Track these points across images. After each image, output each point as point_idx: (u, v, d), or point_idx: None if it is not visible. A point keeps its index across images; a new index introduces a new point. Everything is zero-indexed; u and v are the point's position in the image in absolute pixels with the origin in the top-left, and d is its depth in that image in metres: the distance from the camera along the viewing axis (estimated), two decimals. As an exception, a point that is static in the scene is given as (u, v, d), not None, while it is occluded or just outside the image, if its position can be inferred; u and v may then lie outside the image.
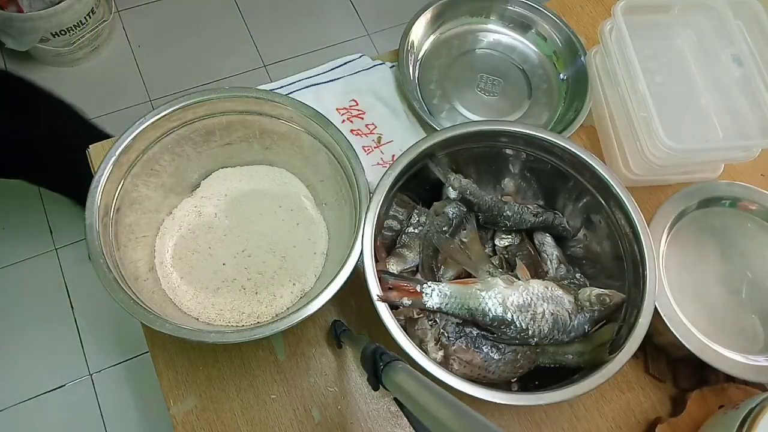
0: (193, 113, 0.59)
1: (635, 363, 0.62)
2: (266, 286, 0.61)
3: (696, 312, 0.58)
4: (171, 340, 0.50)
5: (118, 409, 1.32)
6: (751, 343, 0.58)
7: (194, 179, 0.66)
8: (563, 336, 0.53)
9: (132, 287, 0.53)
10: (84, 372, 1.35)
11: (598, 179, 0.58)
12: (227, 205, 0.65)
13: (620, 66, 0.65)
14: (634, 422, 0.60)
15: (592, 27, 0.80)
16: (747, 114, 0.63)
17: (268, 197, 0.66)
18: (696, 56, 0.69)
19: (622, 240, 0.58)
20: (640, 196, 0.57)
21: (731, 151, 0.64)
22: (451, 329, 0.54)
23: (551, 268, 0.59)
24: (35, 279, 1.40)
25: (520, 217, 0.60)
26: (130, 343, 1.36)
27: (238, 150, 0.66)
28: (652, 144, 0.61)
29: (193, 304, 0.59)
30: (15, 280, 1.40)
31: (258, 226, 0.64)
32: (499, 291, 0.53)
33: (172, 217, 0.64)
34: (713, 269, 0.61)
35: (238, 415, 0.58)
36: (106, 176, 0.54)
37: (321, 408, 0.59)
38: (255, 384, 0.60)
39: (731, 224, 0.63)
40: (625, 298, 0.55)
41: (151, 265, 0.60)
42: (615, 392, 0.61)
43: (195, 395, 0.59)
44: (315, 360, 0.61)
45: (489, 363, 0.53)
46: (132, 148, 0.56)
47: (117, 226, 0.56)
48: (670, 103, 0.65)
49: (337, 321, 0.60)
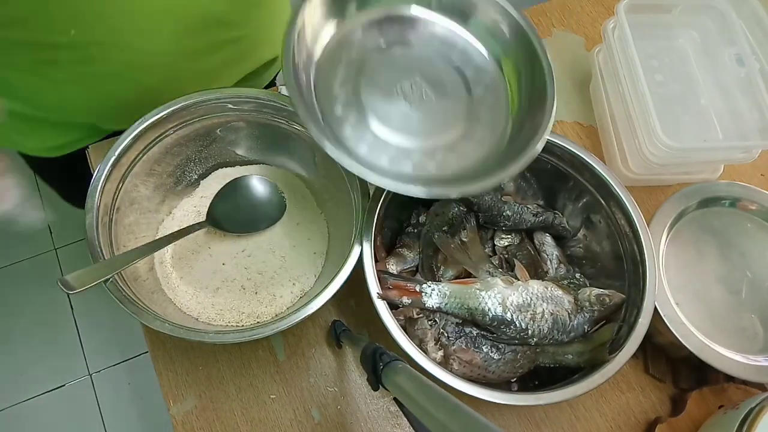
0: (192, 113, 0.59)
1: (635, 363, 0.62)
2: (266, 286, 0.61)
3: (696, 312, 0.58)
4: (171, 340, 0.50)
5: (117, 409, 1.32)
6: (751, 343, 0.58)
7: (194, 179, 0.66)
8: (563, 336, 0.53)
9: (132, 287, 0.53)
10: (84, 372, 1.35)
11: (597, 179, 0.58)
12: (227, 204, 0.65)
13: (621, 64, 0.65)
14: (633, 422, 0.60)
15: (592, 26, 0.80)
16: (747, 114, 0.63)
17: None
18: (698, 56, 0.69)
19: (621, 240, 0.58)
20: (640, 196, 0.57)
21: (730, 152, 0.64)
22: (451, 329, 0.54)
23: (551, 267, 0.59)
24: (34, 279, 1.40)
25: (519, 216, 0.60)
26: (130, 343, 1.36)
27: (238, 149, 0.66)
28: (651, 143, 0.61)
29: (192, 304, 0.59)
30: (15, 280, 1.40)
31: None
32: (499, 291, 0.53)
33: (171, 217, 0.64)
34: (713, 269, 0.61)
35: (238, 415, 0.58)
36: (105, 176, 0.54)
37: (321, 408, 0.59)
38: (255, 384, 0.60)
39: (731, 224, 0.63)
40: (624, 298, 0.55)
41: (150, 265, 0.60)
42: (615, 392, 0.61)
43: (195, 395, 0.59)
44: (315, 360, 0.61)
45: (489, 363, 0.53)
46: (132, 148, 0.56)
47: (117, 226, 0.56)
48: (670, 103, 0.65)
49: (336, 321, 0.60)
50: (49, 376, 1.33)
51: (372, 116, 0.54)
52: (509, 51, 0.58)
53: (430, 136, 0.54)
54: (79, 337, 1.36)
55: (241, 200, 0.63)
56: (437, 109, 0.55)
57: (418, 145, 0.54)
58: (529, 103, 0.56)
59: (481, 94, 0.57)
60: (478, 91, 0.57)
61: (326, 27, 0.55)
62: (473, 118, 0.56)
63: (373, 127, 0.53)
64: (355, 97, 0.54)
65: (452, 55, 0.58)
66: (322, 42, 0.55)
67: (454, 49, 0.58)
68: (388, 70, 0.55)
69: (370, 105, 0.54)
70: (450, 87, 0.56)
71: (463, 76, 0.57)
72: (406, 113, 0.54)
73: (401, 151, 0.53)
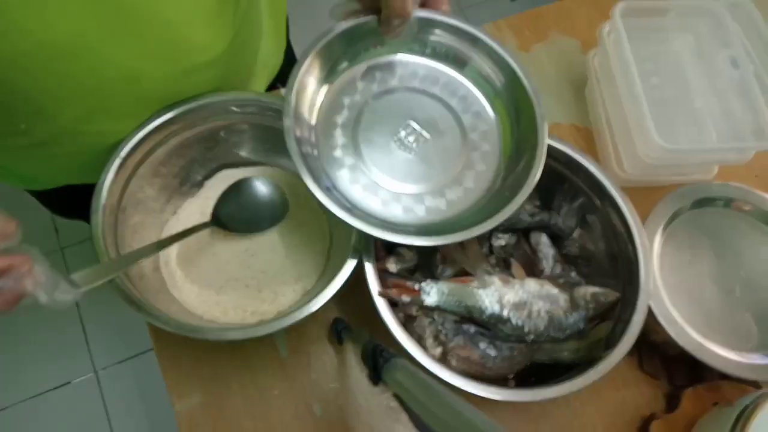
0: (196, 116, 0.60)
1: (630, 360, 0.62)
2: (269, 284, 0.61)
3: (690, 310, 0.58)
4: (175, 337, 0.51)
5: (123, 405, 1.33)
6: (745, 341, 0.58)
7: (198, 180, 0.67)
8: (559, 333, 0.54)
9: (137, 286, 0.54)
10: (89, 369, 1.36)
11: (593, 180, 0.59)
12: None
13: (617, 67, 0.66)
14: (629, 418, 0.61)
15: (588, 30, 0.81)
16: (741, 116, 0.64)
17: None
18: (692, 59, 0.69)
19: (617, 239, 0.59)
20: (635, 197, 0.58)
21: (724, 153, 0.64)
22: (449, 326, 0.55)
23: (547, 267, 0.60)
24: (41, 278, 1.41)
25: (516, 217, 0.61)
26: (135, 341, 1.37)
27: (241, 151, 0.67)
28: (645, 143, 0.62)
29: (197, 303, 0.60)
30: (21, 279, 1.41)
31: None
32: (496, 289, 0.54)
33: (176, 217, 0.65)
34: (707, 268, 0.62)
35: (241, 410, 0.59)
36: (111, 177, 0.55)
37: (322, 403, 0.60)
38: (258, 380, 0.61)
39: (725, 224, 0.64)
40: (619, 297, 0.56)
41: (156, 264, 0.61)
42: (610, 389, 0.62)
43: (199, 391, 0.60)
44: (317, 357, 0.62)
45: (486, 359, 0.54)
46: (137, 150, 0.57)
47: (122, 227, 0.57)
48: (664, 105, 0.65)
49: (338, 318, 0.61)
50: (54, 373, 1.34)
51: (378, 172, 0.55)
52: (501, 93, 0.58)
53: (437, 175, 0.56)
54: (84, 335, 1.37)
55: (244, 201, 0.64)
56: (436, 148, 0.57)
57: (428, 188, 0.55)
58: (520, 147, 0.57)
59: (474, 141, 0.58)
60: (472, 137, 0.58)
61: (320, 92, 0.57)
62: (465, 165, 0.57)
63: (383, 183, 0.55)
64: (359, 158, 0.55)
65: (452, 101, 0.58)
66: (317, 107, 0.57)
67: (455, 96, 0.59)
68: (383, 122, 0.57)
69: (375, 162, 0.55)
70: (443, 124, 0.57)
71: (453, 111, 0.58)
72: (408, 160, 0.56)
73: (414, 198, 0.55)
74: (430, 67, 0.59)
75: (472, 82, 0.59)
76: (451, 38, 0.57)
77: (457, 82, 0.59)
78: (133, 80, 0.51)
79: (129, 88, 0.52)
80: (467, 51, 0.58)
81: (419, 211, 0.54)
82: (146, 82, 0.53)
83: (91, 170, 0.56)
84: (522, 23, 0.82)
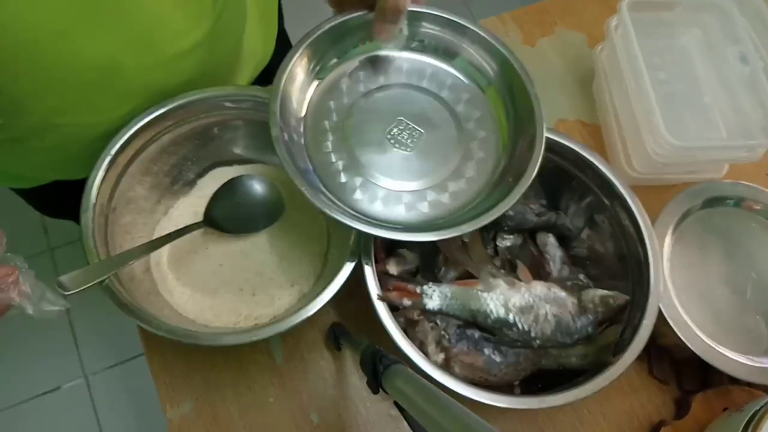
0: (189, 112, 0.58)
1: (639, 365, 0.61)
2: (264, 287, 0.60)
3: (700, 313, 0.57)
4: (167, 342, 0.50)
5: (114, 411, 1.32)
6: (756, 345, 0.57)
7: (190, 178, 0.65)
8: (566, 338, 0.53)
9: (127, 288, 0.52)
10: (79, 374, 1.35)
11: (601, 178, 0.58)
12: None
13: (624, 62, 0.65)
14: (637, 425, 0.60)
15: (594, 24, 0.80)
16: (751, 113, 0.63)
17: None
18: (701, 54, 0.68)
19: (626, 240, 0.57)
20: (645, 196, 0.57)
21: (734, 151, 0.63)
22: (453, 331, 0.53)
23: (554, 268, 0.59)
24: (30, 280, 1.39)
25: (522, 216, 0.60)
26: (126, 345, 1.36)
27: (235, 148, 0.65)
28: (655, 141, 0.60)
29: (189, 306, 0.59)
30: (9, 281, 1.39)
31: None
32: (501, 292, 0.52)
33: (168, 217, 0.63)
34: (718, 269, 0.61)
35: (236, 419, 0.58)
36: (101, 176, 0.53)
37: (320, 412, 0.58)
38: (253, 387, 0.59)
39: (736, 224, 0.63)
40: (629, 300, 0.55)
41: (146, 266, 0.60)
42: (619, 395, 0.60)
43: (192, 399, 0.58)
44: (314, 363, 0.60)
45: (491, 366, 0.52)
46: (128, 147, 0.55)
47: (113, 227, 0.55)
48: (673, 101, 0.64)
49: (336, 323, 0.59)
50: (44, 378, 1.32)
51: (376, 173, 0.53)
52: (494, 81, 0.57)
53: (436, 169, 0.55)
54: (74, 339, 1.36)
55: (238, 200, 0.63)
56: (432, 141, 0.55)
57: (429, 183, 0.54)
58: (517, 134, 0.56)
59: (471, 131, 0.56)
60: (468, 127, 0.56)
61: (309, 89, 0.56)
62: (464, 157, 0.56)
63: (381, 182, 0.53)
64: (353, 161, 0.54)
65: (442, 92, 0.57)
66: (305, 107, 0.55)
67: (443, 87, 0.57)
68: (374, 121, 0.55)
69: (370, 163, 0.54)
70: (436, 117, 0.56)
71: (445, 103, 0.57)
72: (405, 157, 0.54)
73: (415, 195, 0.53)
74: (415, 60, 0.58)
75: (463, 73, 0.58)
76: (439, 30, 0.57)
77: (444, 72, 0.58)
78: (111, 70, 0.50)
79: (107, 78, 0.50)
80: (457, 41, 0.57)
81: (422, 208, 0.53)
82: (125, 71, 0.51)
83: (78, 164, 0.54)
84: (527, 17, 0.81)
